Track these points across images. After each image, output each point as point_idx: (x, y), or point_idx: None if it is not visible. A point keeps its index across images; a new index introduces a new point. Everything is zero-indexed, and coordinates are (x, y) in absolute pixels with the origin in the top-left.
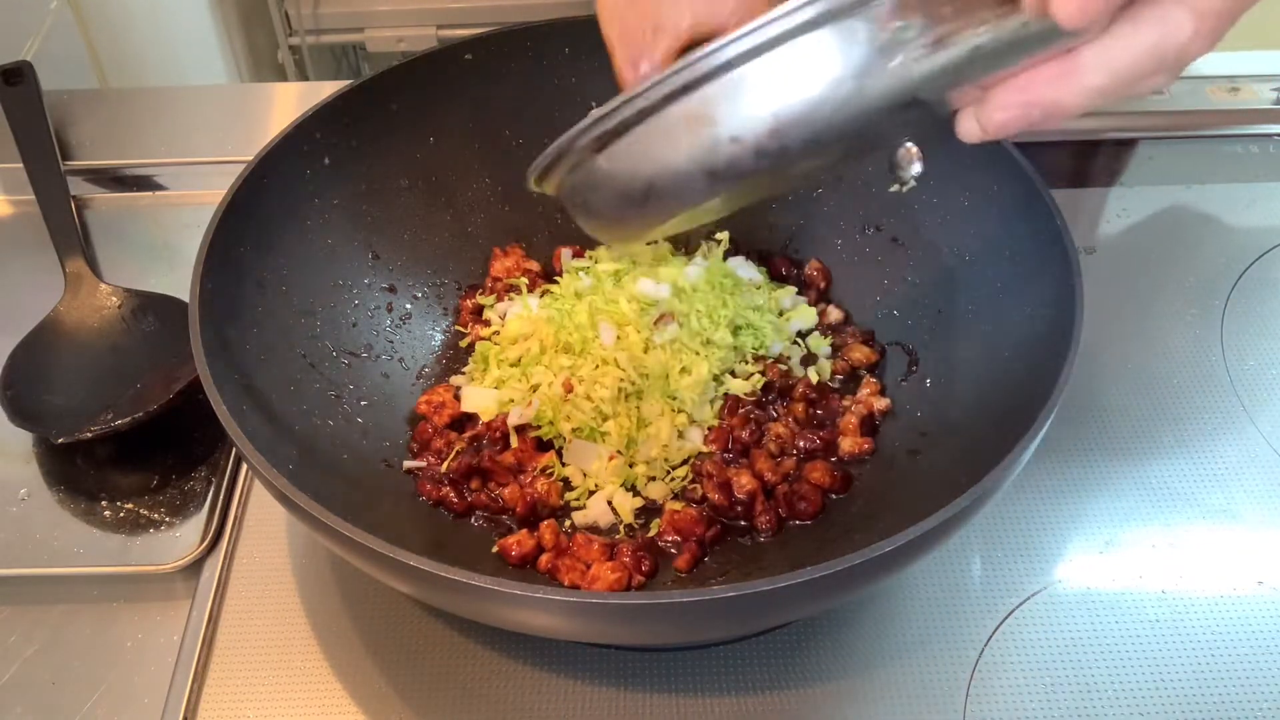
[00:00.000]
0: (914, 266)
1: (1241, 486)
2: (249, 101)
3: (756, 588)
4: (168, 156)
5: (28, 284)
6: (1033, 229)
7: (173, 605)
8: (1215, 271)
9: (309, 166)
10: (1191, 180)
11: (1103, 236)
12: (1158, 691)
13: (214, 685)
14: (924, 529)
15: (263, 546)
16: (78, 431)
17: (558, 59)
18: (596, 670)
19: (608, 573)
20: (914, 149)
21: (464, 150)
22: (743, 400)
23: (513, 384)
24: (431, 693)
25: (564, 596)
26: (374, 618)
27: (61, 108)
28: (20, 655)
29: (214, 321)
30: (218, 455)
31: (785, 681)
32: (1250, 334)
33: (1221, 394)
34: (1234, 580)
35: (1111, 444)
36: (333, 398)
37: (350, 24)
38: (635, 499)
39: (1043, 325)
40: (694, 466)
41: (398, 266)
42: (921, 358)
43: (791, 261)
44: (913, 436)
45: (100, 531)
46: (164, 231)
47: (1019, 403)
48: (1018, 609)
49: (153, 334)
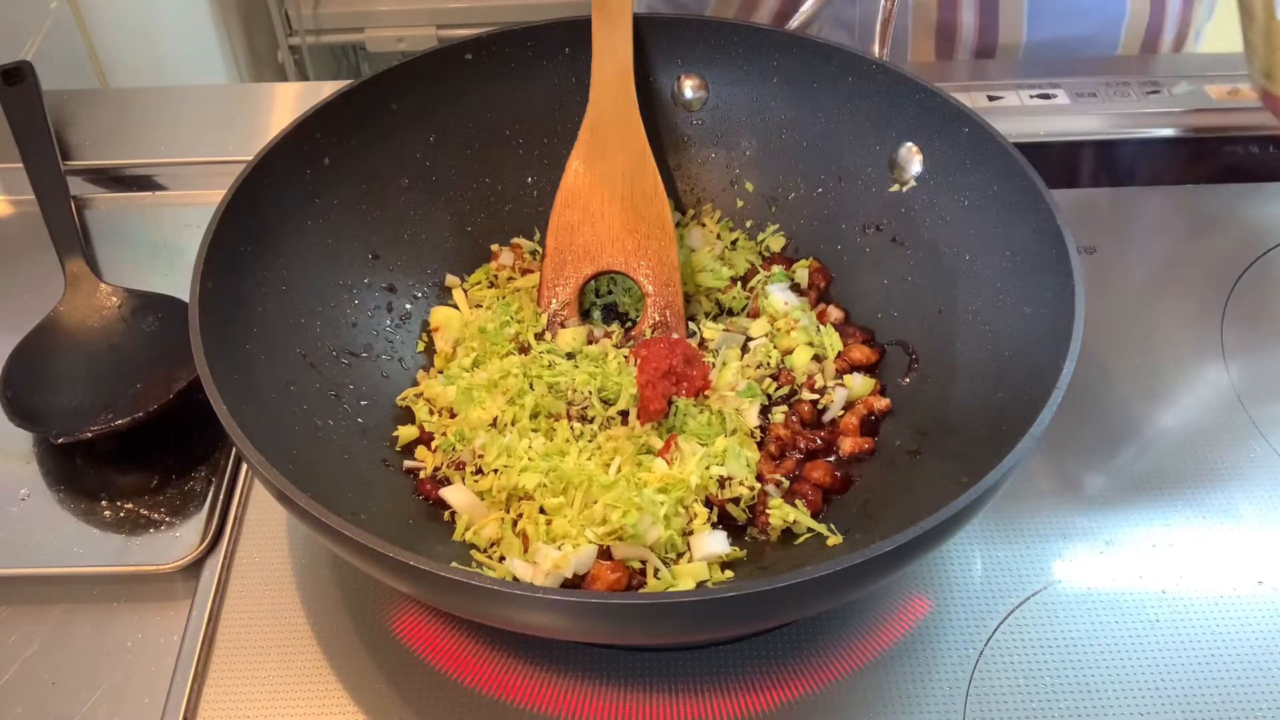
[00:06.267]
0: (914, 266)
1: (1241, 486)
2: (249, 101)
3: (756, 588)
4: (168, 156)
5: (28, 284)
6: (1033, 229)
7: (173, 605)
8: (1215, 271)
9: (309, 166)
10: (1191, 180)
11: (1103, 236)
12: (1158, 691)
13: (214, 685)
14: (924, 529)
15: (263, 546)
16: (78, 431)
17: (558, 59)
18: (596, 670)
19: (608, 573)
20: (914, 149)
21: (464, 150)
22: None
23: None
24: (431, 693)
25: (564, 596)
26: (374, 618)
27: (61, 108)
28: (20, 655)
29: (214, 321)
30: (218, 455)
31: (785, 681)
32: (1250, 334)
33: (1221, 394)
34: (1234, 580)
35: (1111, 444)
36: (333, 398)
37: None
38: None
39: (1043, 325)
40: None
41: (398, 266)
42: (921, 358)
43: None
44: (913, 436)
45: (100, 531)
46: (164, 231)
47: (1019, 403)
48: (1018, 609)
49: (153, 334)
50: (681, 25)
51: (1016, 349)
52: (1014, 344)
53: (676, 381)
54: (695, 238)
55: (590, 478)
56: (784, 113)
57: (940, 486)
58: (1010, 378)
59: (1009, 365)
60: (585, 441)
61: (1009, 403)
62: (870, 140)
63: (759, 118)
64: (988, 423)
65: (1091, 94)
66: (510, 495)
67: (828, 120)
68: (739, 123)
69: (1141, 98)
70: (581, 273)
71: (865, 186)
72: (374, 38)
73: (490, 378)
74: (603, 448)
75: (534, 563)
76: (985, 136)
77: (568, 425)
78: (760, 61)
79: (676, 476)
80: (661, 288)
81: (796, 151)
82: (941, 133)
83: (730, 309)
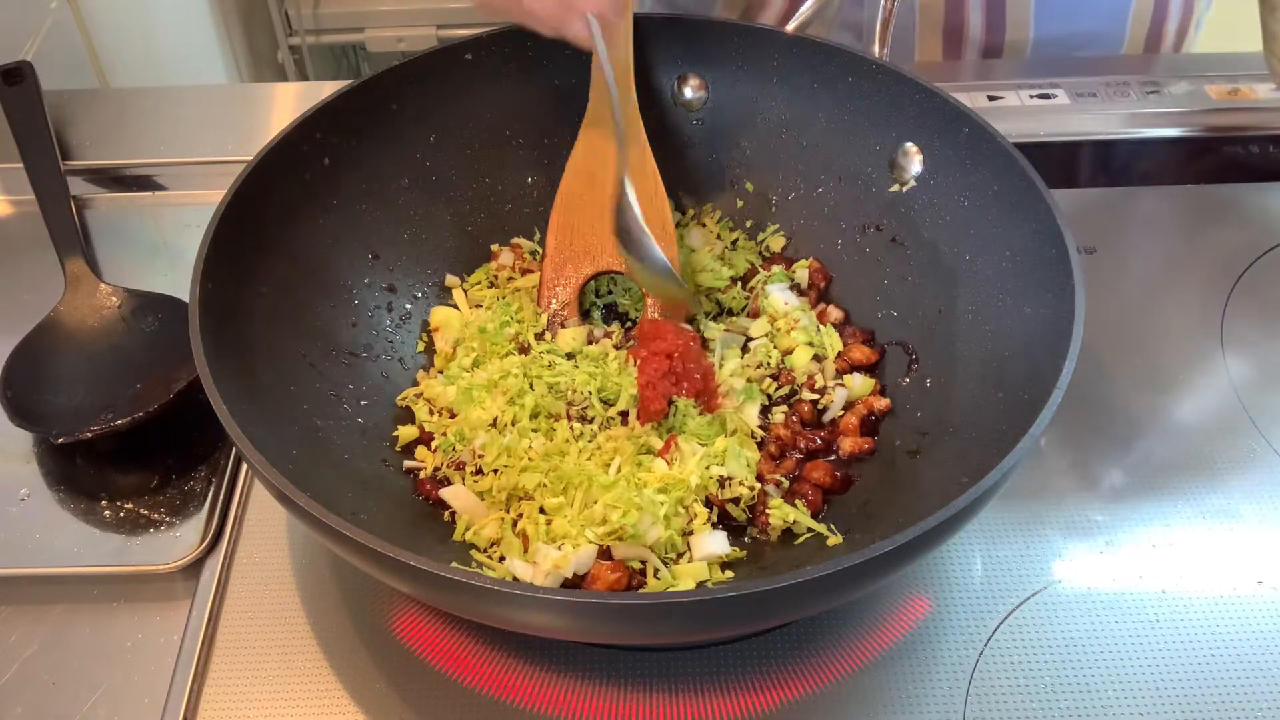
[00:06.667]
0: (914, 266)
1: (1241, 486)
2: (249, 101)
3: (756, 588)
4: (168, 156)
5: (28, 284)
6: (1033, 229)
7: (173, 605)
8: (1215, 271)
9: (309, 166)
10: (1191, 180)
11: (1103, 236)
12: (1158, 691)
13: (214, 685)
14: (924, 529)
15: (263, 546)
16: (78, 431)
17: (558, 59)
18: (596, 670)
19: (608, 573)
20: (914, 149)
21: (464, 150)
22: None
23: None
24: (431, 693)
25: (564, 596)
26: (374, 618)
27: (61, 108)
28: (20, 655)
29: (214, 321)
30: (218, 455)
31: (785, 681)
32: (1250, 334)
33: (1222, 394)
34: (1234, 580)
35: (1111, 444)
36: (333, 398)
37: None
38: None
39: (1043, 325)
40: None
41: (398, 266)
42: (921, 358)
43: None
44: (913, 436)
45: (100, 531)
46: (164, 231)
47: (1019, 403)
48: (1018, 609)
49: (153, 334)
50: (681, 25)
51: (1016, 349)
52: (1014, 344)
53: (677, 381)
54: (695, 238)
55: (590, 478)
56: (784, 113)
57: (940, 486)
58: (1010, 378)
59: (1009, 365)
60: (585, 442)
61: (1009, 403)
62: (870, 140)
63: (759, 118)
64: (988, 423)
65: (1091, 94)
66: (510, 495)
67: (828, 120)
68: (739, 123)
69: (1141, 98)
70: (581, 273)
71: (865, 186)
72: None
73: (490, 378)
74: (603, 448)
75: (534, 563)
76: (985, 137)
77: (568, 425)
78: (760, 61)
79: (676, 476)
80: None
81: (796, 151)
82: (941, 133)
83: (730, 309)
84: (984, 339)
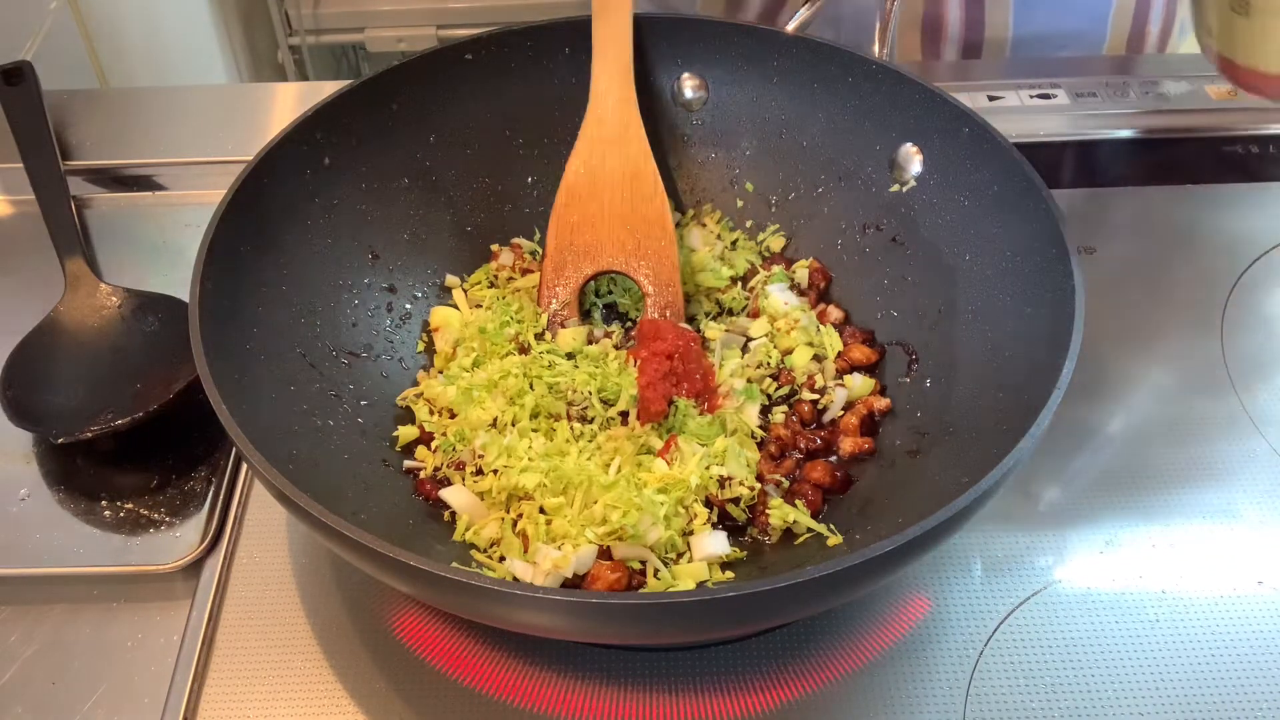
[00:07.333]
0: (914, 266)
1: (1241, 486)
2: (249, 101)
3: (756, 588)
4: (168, 156)
5: (28, 284)
6: (1033, 229)
7: (173, 605)
8: (1215, 271)
9: (309, 166)
10: (1191, 180)
11: (1103, 236)
12: (1158, 691)
13: (214, 685)
14: (924, 529)
15: (263, 546)
16: (78, 431)
17: (558, 59)
18: (596, 670)
19: (608, 573)
20: (914, 149)
21: (464, 150)
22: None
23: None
24: (431, 693)
25: (564, 596)
26: (374, 618)
27: (61, 108)
28: (20, 655)
29: (214, 321)
30: (218, 455)
31: (785, 681)
32: (1250, 334)
33: (1221, 394)
34: (1234, 580)
35: (1111, 444)
36: (333, 398)
37: (350, 24)
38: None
39: (1043, 325)
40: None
41: (398, 266)
42: (921, 358)
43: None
44: (913, 436)
45: (100, 531)
46: (164, 231)
47: (1019, 403)
48: (1018, 609)
49: (153, 334)
50: (681, 25)
51: (1016, 349)
52: (1014, 344)
53: (677, 382)
54: (695, 238)
55: (590, 478)
56: (784, 113)
57: (940, 486)
58: (1010, 378)
59: (1009, 365)
60: (585, 442)
61: (1009, 403)
62: (870, 140)
63: (759, 118)
64: (988, 423)
65: (1091, 94)
66: (510, 495)
67: (828, 120)
68: (739, 123)
69: (1141, 98)
70: (582, 273)
71: (865, 186)
72: (374, 38)
73: (490, 378)
74: (603, 448)
75: (534, 563)
76: (985, 136)
77: (568, 425)
78: (760, 61)
79: (676, 477)
80: (661, 288)
81: (796, 151)
82: (942, 133)
83: (730, 309)
84: (984, 339)
